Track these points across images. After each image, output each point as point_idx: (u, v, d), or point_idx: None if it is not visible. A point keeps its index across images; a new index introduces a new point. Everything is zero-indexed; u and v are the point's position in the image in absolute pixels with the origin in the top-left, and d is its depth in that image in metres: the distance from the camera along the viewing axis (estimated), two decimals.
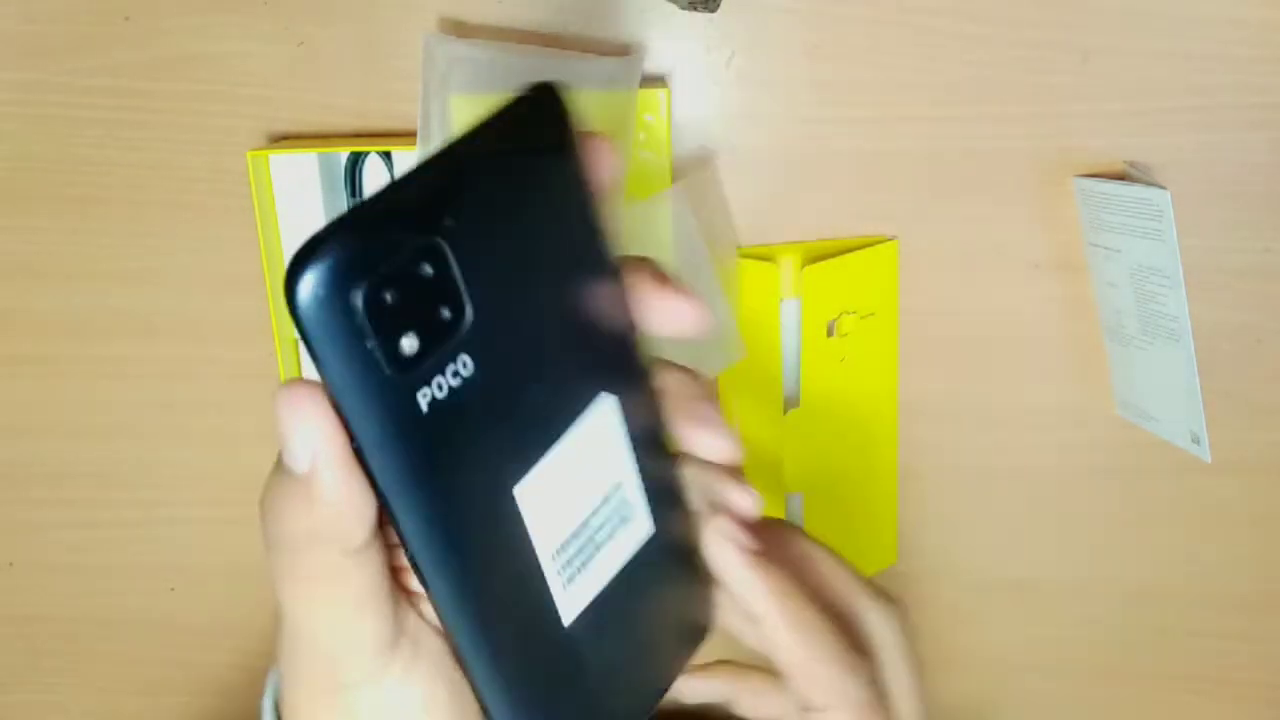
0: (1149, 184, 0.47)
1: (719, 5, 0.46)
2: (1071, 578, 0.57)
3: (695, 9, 0.46)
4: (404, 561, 0.25)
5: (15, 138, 0.51)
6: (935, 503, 0.56)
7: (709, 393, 0.29)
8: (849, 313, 0.52)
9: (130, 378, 0.55)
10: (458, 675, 0.26)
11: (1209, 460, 0.49)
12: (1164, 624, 0.58)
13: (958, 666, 0.59)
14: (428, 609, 0.25)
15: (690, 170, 0.50)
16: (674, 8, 0.48)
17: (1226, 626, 0.58)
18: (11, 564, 0.58)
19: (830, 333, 0.52)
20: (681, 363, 0.29)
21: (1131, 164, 0.50)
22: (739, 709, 0.36)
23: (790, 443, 0.52)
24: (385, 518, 0.24)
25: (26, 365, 0.55)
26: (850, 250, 0.51)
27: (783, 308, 0.52)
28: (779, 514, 0.55)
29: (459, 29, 0.49)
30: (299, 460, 0.22)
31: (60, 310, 0.54)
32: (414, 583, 0.25)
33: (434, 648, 0.25)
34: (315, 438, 0.21)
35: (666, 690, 0.30)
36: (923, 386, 0.54)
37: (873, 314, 0.52)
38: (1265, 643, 0.58)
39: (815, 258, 0.51)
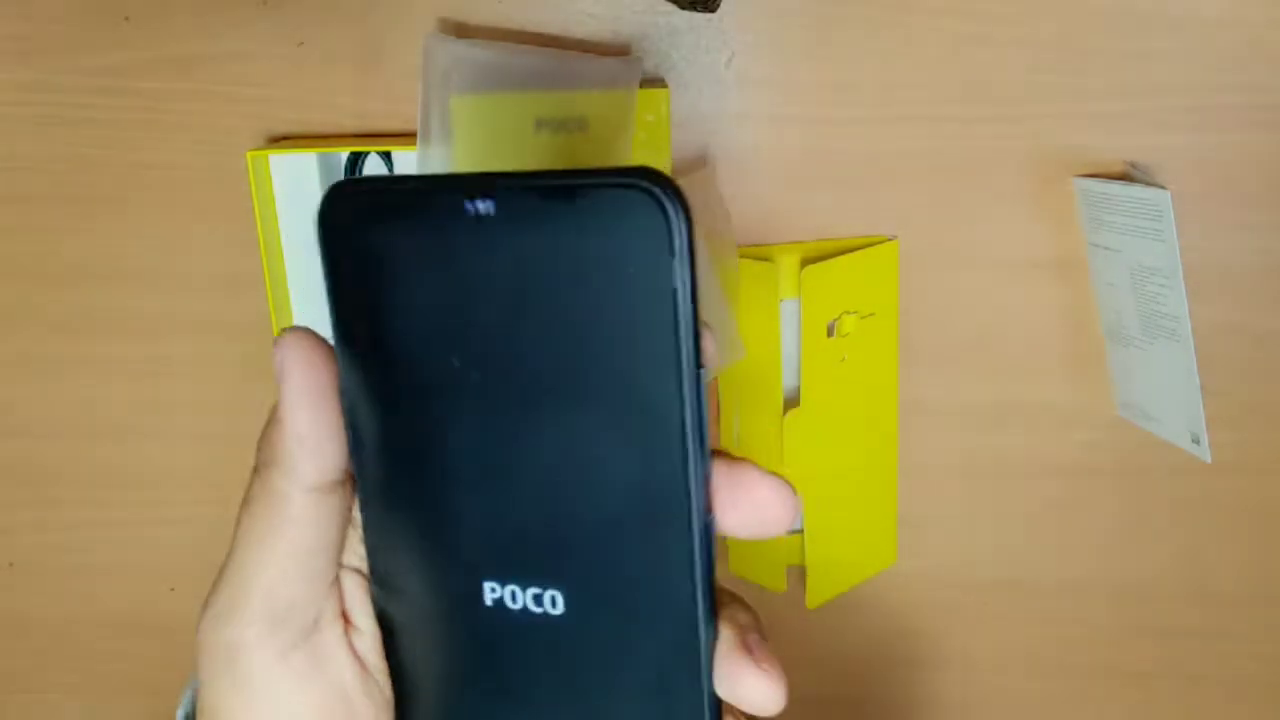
0: (1149, 184, 0.47)
1: (719, 5, 0.46)
2: (1070, 577, 0.57)
3: (695, 9, 0.46)
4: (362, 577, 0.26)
5: (15, 138, 0.51)
6: (935, 503, 0.56)
7: (760, 625, 0.24)
8: (849, 313, 0.52)
9: (130, 378, 0.55)
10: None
11: (1209, 460, 0.49)
12: (1163, 624, 0.58)
13: (957, 666, 0.59)
14: (361, 644, 0.25)
15: (690, 170, 0.50)
16: (674, 8, 0.48)
17: (1226, 626, 0.58)
18: (11, 564, 0.58)
19: (830, 333, 0.52)
20: None
21: (1131, 164, 0.50)
22: None
23: (790, 443, 0.52)
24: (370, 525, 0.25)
25: (27, 365, 0.55)
26: (850, 250, 0.51)
27: (782, 308, 0.52)
28: None
29: (459, 29, 0.49)
30: (279, 382, 0.23)
31: (60, 310, 0.54)
32: (358, 617, 0.25)
33: (345, 680, 0.25)
34: (285, 361, 0.23)
35: None
36: (923, 386, 0.54)
37: (873, 314, 0.52)
38: (1264, 642, 0.58)
39: (815, 258, 0.51)
